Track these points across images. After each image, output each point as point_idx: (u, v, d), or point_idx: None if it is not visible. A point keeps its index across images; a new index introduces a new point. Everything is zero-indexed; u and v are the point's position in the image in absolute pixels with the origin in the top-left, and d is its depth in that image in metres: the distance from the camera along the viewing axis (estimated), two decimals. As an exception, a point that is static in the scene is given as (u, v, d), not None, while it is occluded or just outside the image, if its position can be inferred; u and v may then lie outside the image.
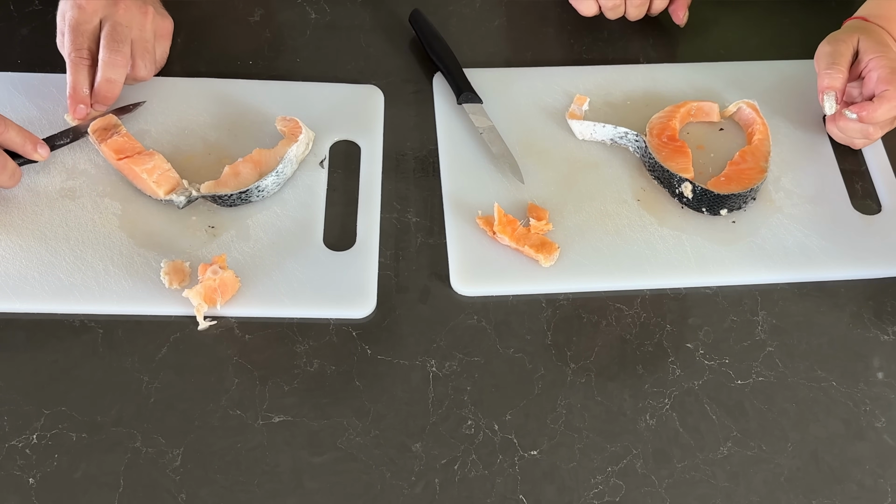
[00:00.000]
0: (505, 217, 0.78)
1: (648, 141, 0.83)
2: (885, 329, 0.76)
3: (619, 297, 0.77)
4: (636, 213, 0.81)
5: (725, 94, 0.90)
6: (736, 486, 0.67)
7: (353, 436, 0.69)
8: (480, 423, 0.70)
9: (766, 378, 0.73)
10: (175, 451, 0.67)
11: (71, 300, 0.74)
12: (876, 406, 0.72)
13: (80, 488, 0.65)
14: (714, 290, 0.78)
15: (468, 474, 0.67)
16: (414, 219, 0.81)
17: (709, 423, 0.70)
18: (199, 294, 0.72)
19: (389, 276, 0.77)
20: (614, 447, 0.69)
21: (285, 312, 0.74)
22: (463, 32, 0.95)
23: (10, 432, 0.68)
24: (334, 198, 0.82)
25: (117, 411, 0.69)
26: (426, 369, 0.72)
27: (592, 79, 0.91)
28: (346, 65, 0.92)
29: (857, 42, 0.84)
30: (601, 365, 0.73)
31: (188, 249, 0.77)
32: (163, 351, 0.72)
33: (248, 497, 0.66)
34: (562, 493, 0.67)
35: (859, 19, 0.87)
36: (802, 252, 0.79)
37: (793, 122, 0.88)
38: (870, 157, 0.86)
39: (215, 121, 0.86)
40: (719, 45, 0.96)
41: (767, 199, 0.83)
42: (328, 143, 0.85)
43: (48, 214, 0.78)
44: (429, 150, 0.86)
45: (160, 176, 0.78)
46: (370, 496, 0.66)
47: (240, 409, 0.69)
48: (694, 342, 0.75)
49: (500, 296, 0.77)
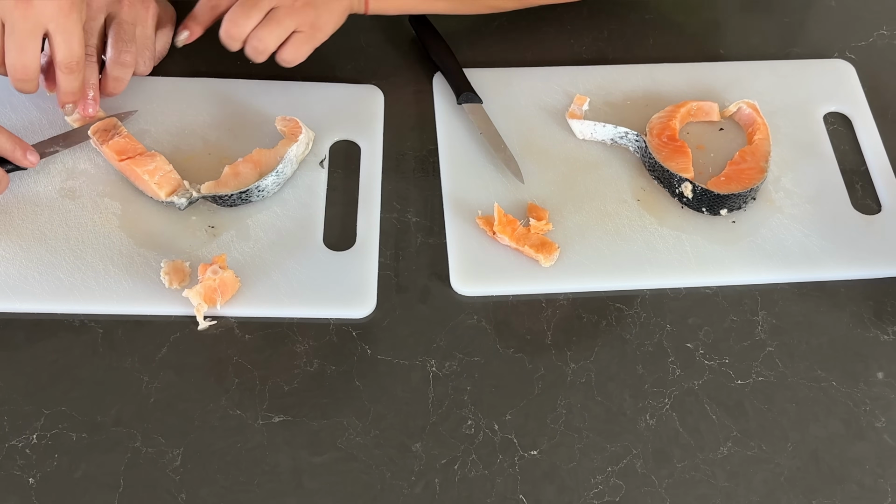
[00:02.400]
0: (505, 217, 0.78)
1: (648, 141, 0.83)
2: (885, 329, 0.76)
3: (619, 297, 0.77)
4: (636, 213, 0.81)
5: (725, 94, 0.90)
6: (736, 486, 0.67)
7: (353, 436, 0.69)
8: (480, 423, 0.70)
9: (766, 378, 0.73)
10: (175, 451, 0.67)
11: (71, 300, 0.74)
12: (876, 406, 0.72)
13: (80, 488, 0.65)
14: (714, 290, 0.78)
15: (468, 474, 0.67)
16: (414, 219, 0.81)
17: (709, 423, 0.70)
18: (199, 294, 0.72)
19: (389, 276, 0.77)
20: (614, 447, 0.69)
21: (285, 312, 0.74)
22: (463, 32, 0.95)
23: (10, 432, 0.68)
24: (334, 198, 0.82)
25: (117, 411, 0.69)
26: (426, 369, 0.72)
27: (592, 79, 0.91)
28: (346, 65, 0.92)
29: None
30: (601, 365, 0.73)
31: (188, 249, 0.77)
32: (163, 351, 0.72)
33: (248, 497, 0.66)
34: (562, 493, 0.67)
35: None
36: (802, 252, 0.79)
37: (793, 122, 0.88)
38: (870, 157, 0.86)
39: (215, 121, 0.86)
40: (719, 45, 0.96)
41: (767, 199, 0.83)
42: (328, 143, 0.85)
43: (48, 214, 0.78)
44: (429, 150, 0.86)
45: (162, 177, 0.78)
46: (370, 496, 0.66)
47: (240, 409, 0.69)
48: (694, 342, 0.75)
49: (500, 296, 0.77)
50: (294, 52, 0.83)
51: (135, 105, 0.86)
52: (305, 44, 0.83)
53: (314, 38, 0.83)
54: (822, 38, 0.97)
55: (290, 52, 0.83)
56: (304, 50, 0.83)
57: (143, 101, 0.86)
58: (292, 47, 0.82)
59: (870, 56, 0.95)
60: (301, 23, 0.81)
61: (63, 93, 0.79)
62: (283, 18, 0.81)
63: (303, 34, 0.82)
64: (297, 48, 0.83)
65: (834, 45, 0.96)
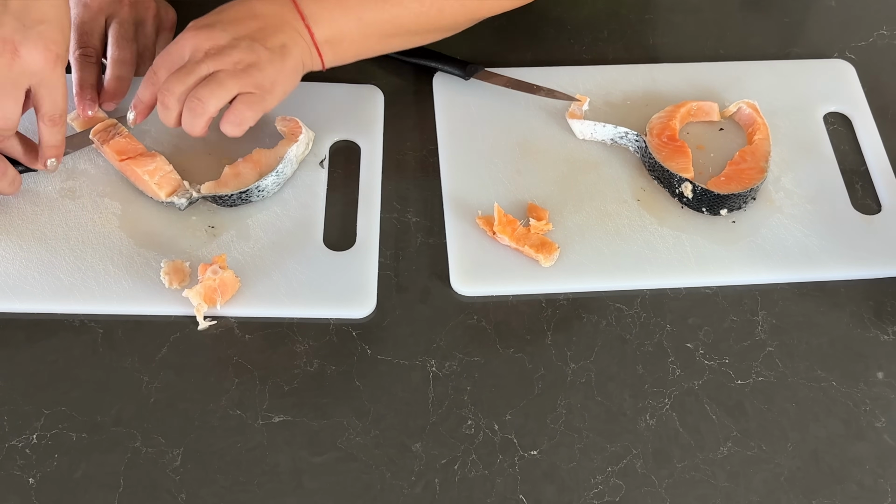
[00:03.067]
0: (505, 217, 0.78)
1: (648, 141, 0.83)
2: (885, 329, 0.76)
3: (619, 297, 0.77)
4: (636, 213, 0.81)
5: (725, 94, 0.90)
6: (736, 486, 0.67)
7: (353, 436, 0.69)
8: (480, 423, 0.70)
9: (766, 378, 0.73)
10: (175, 451, 0.67)
11: (71, 300, 0.74)
12: (876, 406, 0.72)
13: (80, 488, 0.65)
14: (714, 290, 0.78)
15: (468, 474, 0.67)
16: (414, 219, 0.81)
17: (709, 423, 0.70)
18: (199, 294, 0.72)
19: (389, 276, 0.77)
20: (614, 447, 0.69)
21: (285, 312, 0.74)
22: (463, 32, 0.95)
23: (10, 432, 0.68)
24: (334, 198, 0.82)
25: (117, 411, 0.69)
26: (426, 369, 0.72)
27: (592, 79, 0.91)
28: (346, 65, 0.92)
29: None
30: (601, 365, 0.73)
31: (188, 249, 0.77)
32: (163, 351, 0.72)
33: (248, 497, 0.66)
34: (562, 493, 0.67)
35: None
36: (802, 252, 0.79)
37: (793, 122, 0.88)
38: (870, 157, 0.86)
39: (215, 121, 0.85)
40: (719, 45, 0.96)
41: (767, 199, 0.83)
42: (328, 143, 0.85)
43: (48, 214, 0.78)
44: (429, 150, 0.86)
45: (162, 178, 0.78)
46: (370, 496, 0.66)
47: (240, 409, 0.70)
48: (694, 342, 0.75)
49: (500, 296, 0.77)
50: (238, 114, 0.74)
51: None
52: (252, 107, 0.74)
53: (263, 101, 0.75)
54: (822, 38, 0.97)
55: (233, 114, 0.74)
56: (249, 114, 0.74)
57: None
58: (236, 109, 0.74)
59: (870, 56, 0.95)
60: (246, 84, 0.74)
61: (46, 146, 0.75)
62: (224, 79, 0.73)
63: (250, 96, 0.74)
64: (242, 111, 0.74)
65: (834, 45, 0.96)
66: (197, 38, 0.74)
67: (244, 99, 0.74)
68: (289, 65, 0.76)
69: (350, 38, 0.80)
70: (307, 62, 0.79)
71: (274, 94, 0.76)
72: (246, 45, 0.74)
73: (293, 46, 0.76)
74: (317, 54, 0.79)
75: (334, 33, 0.79)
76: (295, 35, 0.77)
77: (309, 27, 0.77)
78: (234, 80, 0.73)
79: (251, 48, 0.74)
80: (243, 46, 0.74)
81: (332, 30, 0.78)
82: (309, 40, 0.78)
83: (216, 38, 0.74)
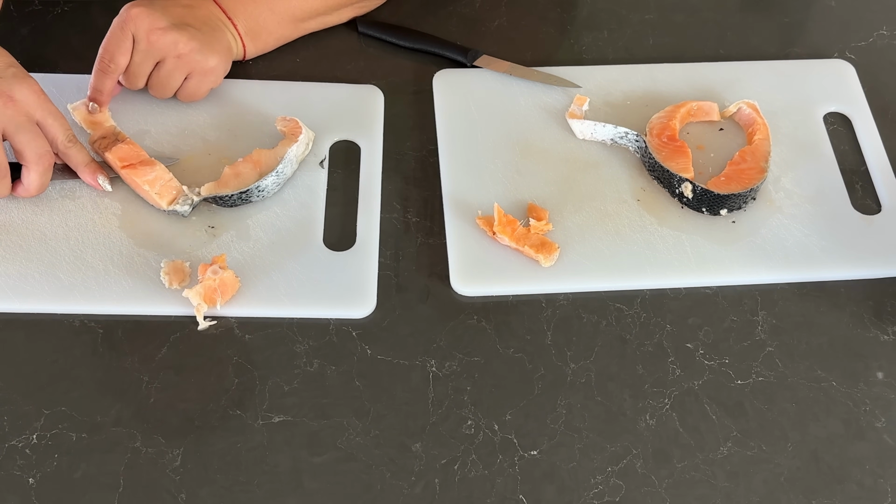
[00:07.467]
0: (505, 217, 0.78)
1: (648, 141, 0.83)
2: (885, 329, 0.76)
3: (619, 297, 0.77)
4: (636, 213, 0.81)
5: (725, 94, 0.90)
6: (736, 486, 0.67)
7: (353, 436, 0.69)
8: (480, 423, 0.70)
9: (766, 378, 0.73)
10: (175, 451, 0.67)
11: (71, 300, 0.74)
12: (876, 406, 0.72)
13: (80, 488, 0.65)
14: (714, 290, 0.78)
15: (468, 474, 0.67)
16: (414, 219, 0.81)
17: (709, 423, 0.70)
18: (199, 294, 0.72)
19: (389, 276, 0.77)
20: (614, 447, 0.69)
21: (285, 312, 0.74)
22: (463, 32, 0.95)
23: (10, 432, 0.68)
24: (334, 198, 0.82)
25: (117, 411, 0.69)
26: (426, 369, 0.72)
27: (592, 79, 0.91)
28: (346, 65, 0.92)
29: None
30: (601, 365, 0.73)
31: (188, 249, 0.77)
32: (163, 351, 0.72)
33: (248, 497, 0.66)
34: (562, 493, 0.67)
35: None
36: (802, 252, 0.79)
37: (793, 122, 0.88)
38: (870, 157, 0.86)
39: (215, 121, 0.86)
40: (719, 45, 0.96)
41: (767, 199, 0.83)
42: (328, 143, 0.85)
43: (48, 214, 0.78)
44: (429, 150, 0.86)
45: (162, 187, 0.78)
46: (370, 496, 0.66)
47: (240, 409, 0.70)
48: (694, 342, 0.75)
49: (500, 296, 0.77)
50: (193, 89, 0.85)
51: (135, 104, 0.86)
52: (200, 86, 0.85)
53: (207, 82, 0.85)
54: (822, 38, 0.97)
55: (189, 88, 0.84)
56: (203, 89, 0.85)
57: (143, 101, 0.86)
58: (189, 85, 0.84)
59: (870, 56, 0.95)
60: (192, 70, 0.83)
61: (80, 165, 0.79)
62: (172, 71, 0.83)
63: (196, 78, 0.84)
64: (195, 88, 0.85)
65: (834, 45, 0.96)
66: (138, 20, 0.80)
67: (194, 79, 0.84)
68: (221, 46, 0.84)
69: (267, 28, 0.88)
70: (234, 49, 0.87)
71: (217, 74, 0.85)
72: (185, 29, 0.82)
73: (226, 31, 0.86)
74: (241, 45, 0.87)
75: (252, 26, 0.87)
76: (222, 25, 0.86)
77: (232, 20, 0.86)
78: (179, 70, 0.82)
79: (190, 32, 0.82)
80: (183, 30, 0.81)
81: (249, 22, 0.87)
82: (234, 31, 0.86)
83: (156, 20, 0.80)
